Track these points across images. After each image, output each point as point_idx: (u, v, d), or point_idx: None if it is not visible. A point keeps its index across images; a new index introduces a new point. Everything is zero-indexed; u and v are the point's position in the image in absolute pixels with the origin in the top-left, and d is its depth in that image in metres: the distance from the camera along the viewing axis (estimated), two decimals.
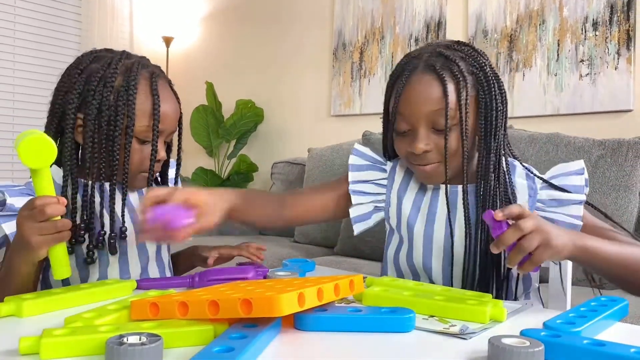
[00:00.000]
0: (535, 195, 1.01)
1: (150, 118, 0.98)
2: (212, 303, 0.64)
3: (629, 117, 2.12)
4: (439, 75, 0.96)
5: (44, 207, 0.79)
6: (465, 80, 0.96)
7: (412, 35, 2.71)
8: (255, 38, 3.42)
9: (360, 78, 2.90)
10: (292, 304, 0.62)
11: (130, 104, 0.96)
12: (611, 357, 0.56)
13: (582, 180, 0.99)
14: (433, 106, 0.96)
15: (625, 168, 1.74)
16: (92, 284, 0.87)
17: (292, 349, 0.63)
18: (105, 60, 0.99)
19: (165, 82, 1.03)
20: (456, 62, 0.97)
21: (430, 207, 1.05)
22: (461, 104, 0.96)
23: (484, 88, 0.97)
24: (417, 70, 0.98)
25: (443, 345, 0.65)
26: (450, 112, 0.95)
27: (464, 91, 0.96)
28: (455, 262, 1.01)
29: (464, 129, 0.96)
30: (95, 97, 0.96)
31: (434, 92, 0.96)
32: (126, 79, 0.97)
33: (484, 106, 0.97)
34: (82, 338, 0.58)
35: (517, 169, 1.04)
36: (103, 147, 0.97)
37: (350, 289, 0.76)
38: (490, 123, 0.98)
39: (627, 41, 2.11)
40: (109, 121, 0.96)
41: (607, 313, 0.73)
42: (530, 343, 0.58)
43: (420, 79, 0.97)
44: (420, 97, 0.97)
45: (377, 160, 1.13)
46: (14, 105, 3.28)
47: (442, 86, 0.95)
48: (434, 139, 0.98)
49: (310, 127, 3.14)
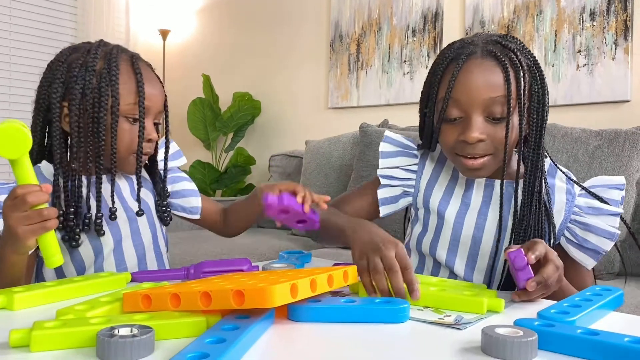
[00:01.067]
0: (573, 200, 0.99)
1: (135, 95, 0.98)
2: (205, 294, 0.63)
3: (626, 108, 2.12)
4: (501, 61, 0.92)
5: (26, 195, 0.77)
6: (524, 69, 0.94)
7: (409, 26, 2.70)
8: (252, 30, 3.40)
9: (357, 70, 2.89)
10: (284, 295, 0.62)
11: (113, 84, 0.96)
12: (605, 346, 0.56)
13: (620, 196, 0.98)
14: (493, 92, 0.92)
15: (622, 158, 1.74)
16: (86, 276, 0.86)
17: (286, 340, 0.63)
18: (84, 48, 1.01)
19: (146, 65, 1.04)
20: (514, 51, 0.94)
21: (463, 198, 1.03)
22: (520, 93, 0.92)
23: (537, 81, 0.95)
24: (475, 55, 0.94)
25: (437, 335, 0.65)
26: (511, 101, 0.91)
27: (522, 80, 0.93)
28: (481, 256, 1.00)
29: (522, 120, 0.93)
30: (78, 83, 0.96)
31: (495, 78, 0.92)
32: (107, 62, 0.98)
33: (537, 100, 0.95)
34: (73, 330, 0.58)
35: (557, 172, 1.03)
36: (90, 130, 0.97)
37: (344, 280, 0.76)
38: (542, 117, 0.95)
39: (625, 31, 2.10)
40: (94, 103, 0.97)
41: (602, 302, 0.73)
42: (524, 333, 0.58)
43: (480, 63, 0.93)
44: (479, 82, 0.92)
45: (407, 146, 1.10)
46: (10, 99, 3.27)
47: (505, 72, 0.92)
48: (488, 128, 0.93)
49: (308, 120, 3.14)
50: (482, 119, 0.93)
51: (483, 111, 0.93)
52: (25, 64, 3.30)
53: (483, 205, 1.01)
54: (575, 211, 0.98)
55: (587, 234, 0.96)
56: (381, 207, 1.08)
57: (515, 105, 0.93)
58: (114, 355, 0.53)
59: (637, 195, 1.75)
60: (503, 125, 0.93)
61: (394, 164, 1.09)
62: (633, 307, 1.35)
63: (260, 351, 0.58)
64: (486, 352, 0.57)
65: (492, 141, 0.94)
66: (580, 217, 0.98)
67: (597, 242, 0.95)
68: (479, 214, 1.00)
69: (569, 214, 0.98)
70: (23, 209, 0.78)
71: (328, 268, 0.78)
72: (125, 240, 1.03)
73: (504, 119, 0.92)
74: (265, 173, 3.12)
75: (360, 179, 2.28)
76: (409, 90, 2.69)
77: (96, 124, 0.97)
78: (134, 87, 0.98)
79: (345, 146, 2.54)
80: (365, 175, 2.26)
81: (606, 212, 0.96)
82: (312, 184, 2.54)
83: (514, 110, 0.94)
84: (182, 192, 1.16)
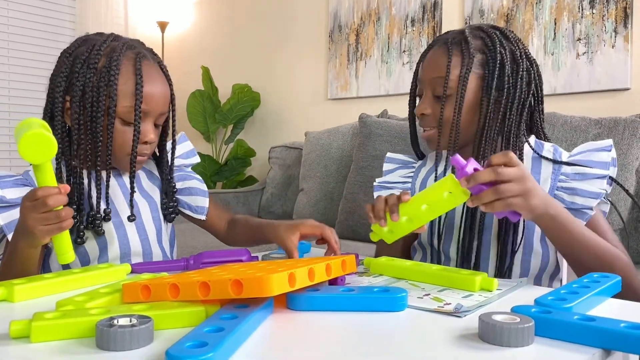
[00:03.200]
0: (560, 169, 1.01)
1: (133, 98, 0.97)
2: (203, 284, 0.64)
3: (626, 96, 2.11)
4: (448, 48, 1.05)
5: (46, 198, 0.79)
6: (471, 56, 1.03)
7: (408, 16, 2.69)
8: (251, 21, 3.39)
9: (356, 60, 2.88)
10: (282, 284, 0.62)
11: (111, 85, 0.96)
12: (601, 331, 0.56)
13: (609, 157, 1.00)
14: (435, 73, 1.05)
15: (622, 147, 1.74)
16: (85, 268, 0.87)
17: (284, 329, 0.64)
18: (91, 43, 1.00)
19: (153, 63, 1.02)
20: (468, 40, 1.04)
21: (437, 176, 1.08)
22: (461, 77, 1.02)
23: (490, 68, 1.02)
24: (436, 45, 1.09)
25: (434, 323, 0.65)
26: (450, 82, 1.03)
27: (465, 67, 1.02)
28: (454, 239, 1.03)
29: (461, 102, 1.02)
30: (79, 79, 0.96)
31: (439, 61, 1.05)
32: (109, 60, 0.97)
33: (486, 85, 1.03)
34: (73, 321, 0.58)
35: (544, 146, 1.06)
36: (88, 129, 0.97)
37: (342, 269, 0.76)
38: (497, 104, 1.02)
39: (625, 19, 2.09)
40: (92, 102, 0.96)
41: (599, 289, 0.73)
42: (521, 319, 0.58)
43: (435, 50, 1.08)
44: (428, 63, 1.07)
45: (407, 161, 1.19)
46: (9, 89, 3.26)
47: (448, 57, 1.03)
48: (434, 105, 1.05)
49: (307, 111, 3.13)
50: (431, 95, 1.06)
51: (430, 88, 1.06)
52: (24, 57, 3.29)
53: None
54: (562, 179, 1.01)
55: (574, 197, 0.98)
56: None
57: (457, 88, 1.02)
58: (113, 345, 0.54)
59: (636, 183, 1.75)
60: (448, 104, 1.03)
61: (393, 178, 1.17)
62: None
63: (259, 340, 0.59)
64: (483, 338, 0.58)
65: (435, 117, 1.05)
66: (567, 183, 1.00)
67: (583, 202, 0.97)
68: None
69: (555, 182, 1.01)
70: (42, 210, 0.79)
71: (326, 258, 0.78)
72: (131, 235, 1.03)
73: (449, 97, 1.03)
74: (266, 165, 3.12)
75: (360, 170, 2.28)
76: (409, 80, 2.68)
77: (94, 123, 0.97)
78: (131, 89, 0.97)
79: (344, 137, 2.54)
80: (365, 166, 2.26)
81: (592, 176, 0.98)
82: (312, 175, 2.54)
83: (456, 93, 1.02)
84: (191, 189, 1.15)
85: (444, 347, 0.57)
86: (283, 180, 2.80)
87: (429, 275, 0.84)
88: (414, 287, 0.81)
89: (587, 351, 0.56)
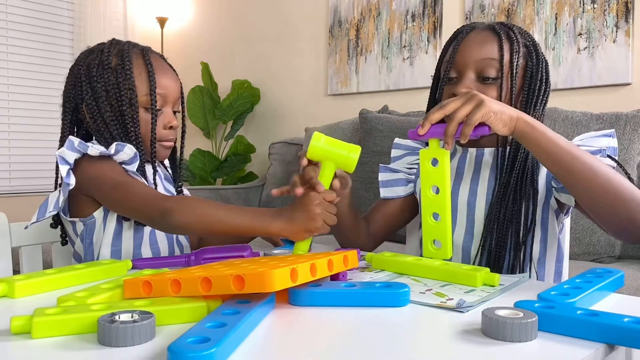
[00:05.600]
0: None
1: (149, 85, 1.05)
2: (205, 280, 0.63)
3: (627, 91, 2.11)
4: (497, 33, 1.03)
5: (333, 201, 0.90)
6: (519, 45, 1.02)
7: (409, 11, 2.68)
8: (250, 17, 3.38)
9: (356, 56, 2.87)
10: (284, 279, 0.62)
11: (128, 78, 1.04)
12: (604, 326, 0.56)
13: (610, 142, 0.99)
14: (485, 54, 1.01)
15: (623, 142, 1.74)
16: (86, 264, 0.86)
17: (286, 324, 0.63)
18: (98, 49, 1.07)
19: (158, 57, 1.11)
20: (513, 30, 1.04)
21: (457, 169, 1.08)
22: (513, 62, 1.00)
23: (533, 61, 1.03)
24: (476, 29, 1.05)
25: (437, 318, 0.65)
26: (502, 66, 1.00)
27: (516, 54, 1.01)
28: (477, 221, 1.03)
29: (511, 86, 1.00)
30: (98, 82, 1.03)
31: (489, 43, 1.02)
32: (120, 59, 1.05)
33: (530, 76, 1.02)
34: (74, 316, 0.58)
35: None
36: (120, 124, 1.04)
37: (344, 265, 0.76)
38: (533, 93, 1.02)
39: (626, 14, 2.08)
40: (116, 98, 1.04)
41: (602, 284, 0.73)
42: (524, 314, 0.58)
43: (478, 33, 1.04)
44: (474, 44, 1.02)
45: (416, 147, 1.17)
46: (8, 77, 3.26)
47: (499, 41, 1.01)
48: (477, 87, 1.00)
49: (307, 107, 3.12)
50: (474, 77, 1.01)
51: (475, 70, 1.01)
52: (22, 53, 3.28)
53: (474, 173, 1.06)
54: None
55: None
56: (381, 188, 1.16)
57: (508, 73, 1.00)
58: (115, 340, 0.54)
59: (637, 178, 1.75)
60: (493, 88, 1.00)
61: (399, 164, 1.17)
62: (633, 290, 1.35)
63: (261, 335, 0.59)
64: (486, 334, 0.58)
65: None
66: None
67: None
68: (472, 181, 1.06)
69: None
70: (330, 211, 0.89)
71: (328, 253, 0.78)
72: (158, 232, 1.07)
73: (495, 80, 1.00)
74: (266, 161, 3.12)
75: (360, 166, 2.28)
76: (409, 75, 2.68)
77: (123, 116, 1.03)
78: (146, 78, 1.05)
79: (345, 133, 2.53)
80: (366, 162, 2.26)
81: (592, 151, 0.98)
82: None
83: (507, 78, 1.00)
84: None
85: (446, 342, 0.57)
86: (283, 176, 2.80)
87: (431, 271, 0.84)
88: (416, 283, 0.81)
89: (590, 346, 0.56)
